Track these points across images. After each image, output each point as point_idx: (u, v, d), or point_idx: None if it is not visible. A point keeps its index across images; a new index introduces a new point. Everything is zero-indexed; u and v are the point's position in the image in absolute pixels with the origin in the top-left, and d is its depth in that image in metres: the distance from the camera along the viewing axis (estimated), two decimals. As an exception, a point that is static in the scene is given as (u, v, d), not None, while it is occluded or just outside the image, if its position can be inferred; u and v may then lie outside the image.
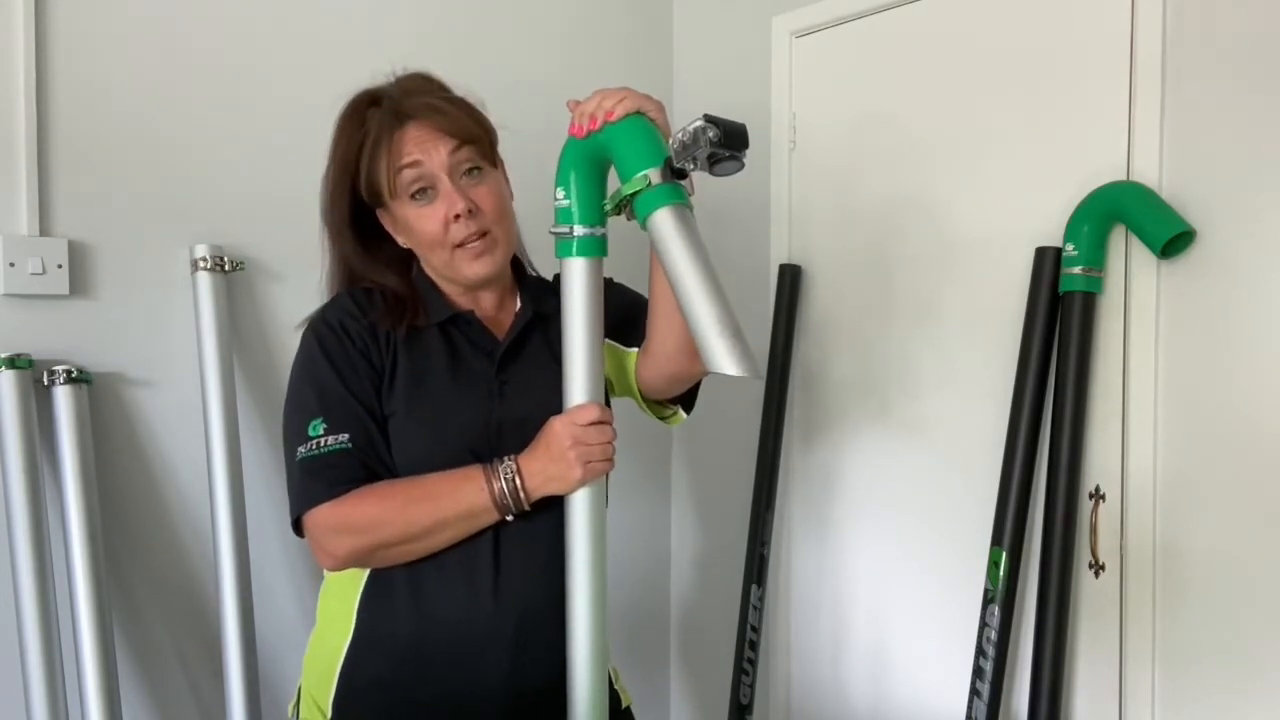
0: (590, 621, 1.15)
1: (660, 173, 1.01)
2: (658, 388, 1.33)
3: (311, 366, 1.20)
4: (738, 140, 1.00)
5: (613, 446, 1.15)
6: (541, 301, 1.32)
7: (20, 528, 1.51)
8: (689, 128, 0.99)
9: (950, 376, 1.88)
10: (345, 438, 1.16)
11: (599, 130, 1.08)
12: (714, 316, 0.95)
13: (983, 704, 1.69)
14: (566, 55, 2.23)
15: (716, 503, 2.40)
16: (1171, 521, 1.58)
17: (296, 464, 1.17)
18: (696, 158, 0.99)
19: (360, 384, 1.19)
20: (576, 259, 1.13)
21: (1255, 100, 1.48)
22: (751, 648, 2.14)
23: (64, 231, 1.61)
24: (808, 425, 2.16)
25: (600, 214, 1.13)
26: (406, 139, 1.20)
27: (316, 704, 1.24)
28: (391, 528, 1.14)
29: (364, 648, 1.21)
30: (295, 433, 1.18)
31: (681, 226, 1.00)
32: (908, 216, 1.95)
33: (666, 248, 0.99)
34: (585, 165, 1.13)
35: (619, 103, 1.08)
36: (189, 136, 1.72)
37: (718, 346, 0.94)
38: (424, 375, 1.22)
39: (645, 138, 1.06)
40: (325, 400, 1.17)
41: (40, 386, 1.56)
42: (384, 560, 1.18)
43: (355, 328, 1.21)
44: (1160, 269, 1.59)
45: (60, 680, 1.53)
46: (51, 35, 1.59)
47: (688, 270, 0.97)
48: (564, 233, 1.13)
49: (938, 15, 1.89)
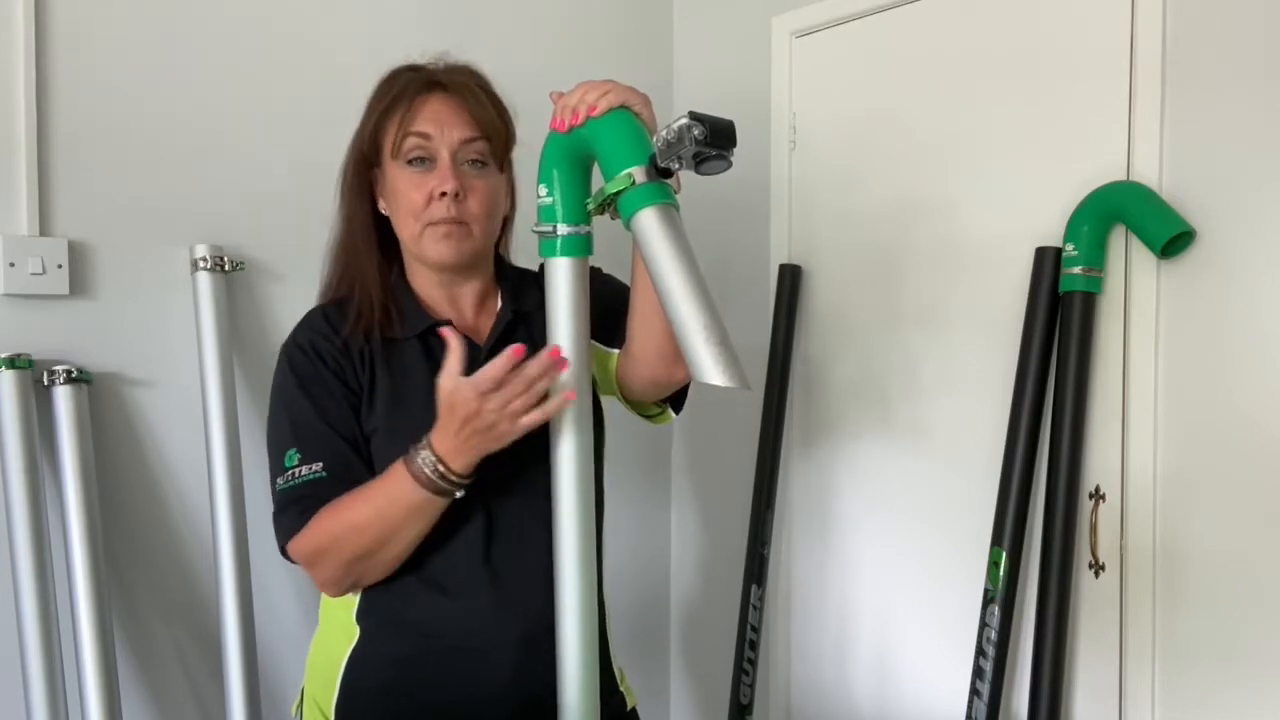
0: (580, 623, 1.12)
1: (645, 171, 0.97)
2: (639, 391, 1.28)
3: (285, 393, 1.19)
4: (724, 138, 0.95)
5: (535, 394, 1.05)
6: (522, 298, 1.29)
7: (20, 528, 1.51)
8: (674, 125, 0.95)
9: (950, 376, 1.88)
10: (319, 466, 1.14)
11: (581, 125, 1.03)
12: (700, 323, 0.91)
13: (983, 704, 1.69)
14: (566, 55, 2.22)
15: (716, 503, 2.40)
16: (1171, 521, 1.58)
17: (277, 495, 1.16)
18: (682, 156, 0.95)
19: (335, 408, 1.17)
20: (560, 259, 1.09)
21: (1255, 100, 1.48)
22: (751, 648, 2.14)
23: (64, 231, 1.61)
24: (808, 425, 2.16)
25: (584, 212, 1.09)
26: (426, 107, 1.18)
27: (319, 707, 1.24)
28: (348, 540, 1.11)
29: (367, 654, 1.20)
30: (274, 464, 1.17)
31: (667, 228, 0.96)
32: (908, 216, 1.95)
33: (651, 250, 0.95)
34: (568, 161, 1.08)
35: (602, 96, 1.03)
36: (189, 137, 1.72)
37: (704, 355, 0.91)
38: (404, 391, 1.19)
39: (629, 134, 1.01)
40: (298, 429, 1.16)
41: (40, 386, 1.56)
42: (367, 576, 1.15)
43: (328, 349, 1.19)
44: (1160, 269, 1.59)
45: (60, 680, 1.53)
46: (51, 35, 1.59)
47: (673, 274, 0.94)
48: (547, 231, 1.09)
49: (938, 15, 1.89)
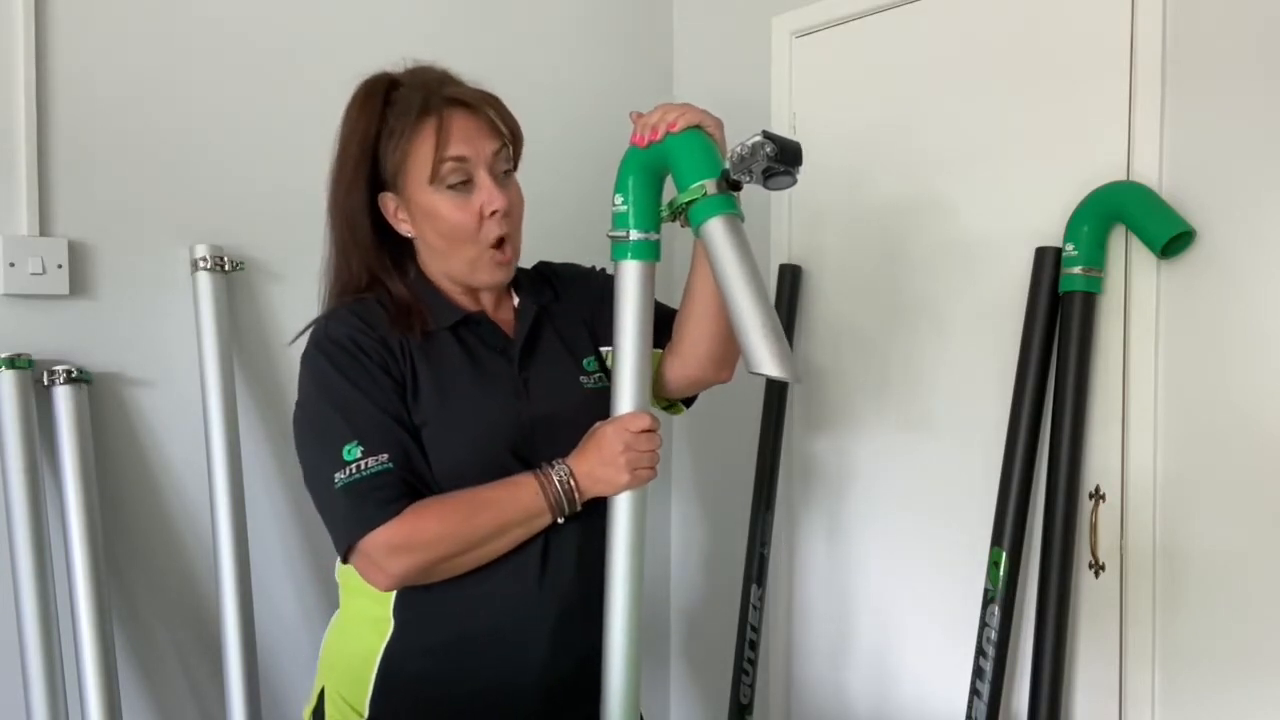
0: (627, 621, 1.19)
1: (716, 184, 1.07)
2: (677, 388, 1.36)
3: (330, 388, 1.17)
4: (793, 157, 1.05)
5: (658, 455, 1.19)
6: (539, 294, 1.35)
7: (20, 528, 1.51)
8: (747, 142, 1.04)
9: (950, 376, 1.88)
10: (385, 457, 1.14)
11: (660, 140, 1.13)
12: (760, 320, 1.00)
13: (983, 704, 1.69)
14: (566, 55, 2.22)
15: (716, 503, 2.40)
16: (1171, 521, 1.58)
17: (337, 491, 1.13)
18: (752, 171, 1.04)
19: (388, 399, 1.17)
20: (631, 262, 1.19)
21: (1255, 100, 1.48)
22: (751, 648, 2.14)
23: (64, 231, 1.61)
24: (807, 425, 2.16)
25: (655, 220, 1.19)
26: (455, 127, 1.19)
27: (349, 704, 1.23)
28: (454, 540, 1.14)
29: (404, 644, 1.21)
30: (329, 460, 1.14)
31: (734, 235, 1.05)
32: (908, 216, 1.95)
33: (718, 254, 1.04)
34: (644, 173, 1.18)
35: (681, 115, 1.13)
36: (189, 136, 1.72)
37: (762, 348, 0.99)
38: (447, 381, 1.21)
39: (704, 150, 1.11)
40: (355, 422, 1.15)
41: (40, 386, 1.56)
42: (439, 574, 1.16)
43: (367, 342, 1.19)
44: (1160, 269, 1.59)
45: (60, 680, 1.53)
46: (51, 35, 1.59)
47: (737, 276, 1.02)
48: (620, 236, 1.19)
49: (938, 15, 1.89)
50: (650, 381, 1.22)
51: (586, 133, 2.17)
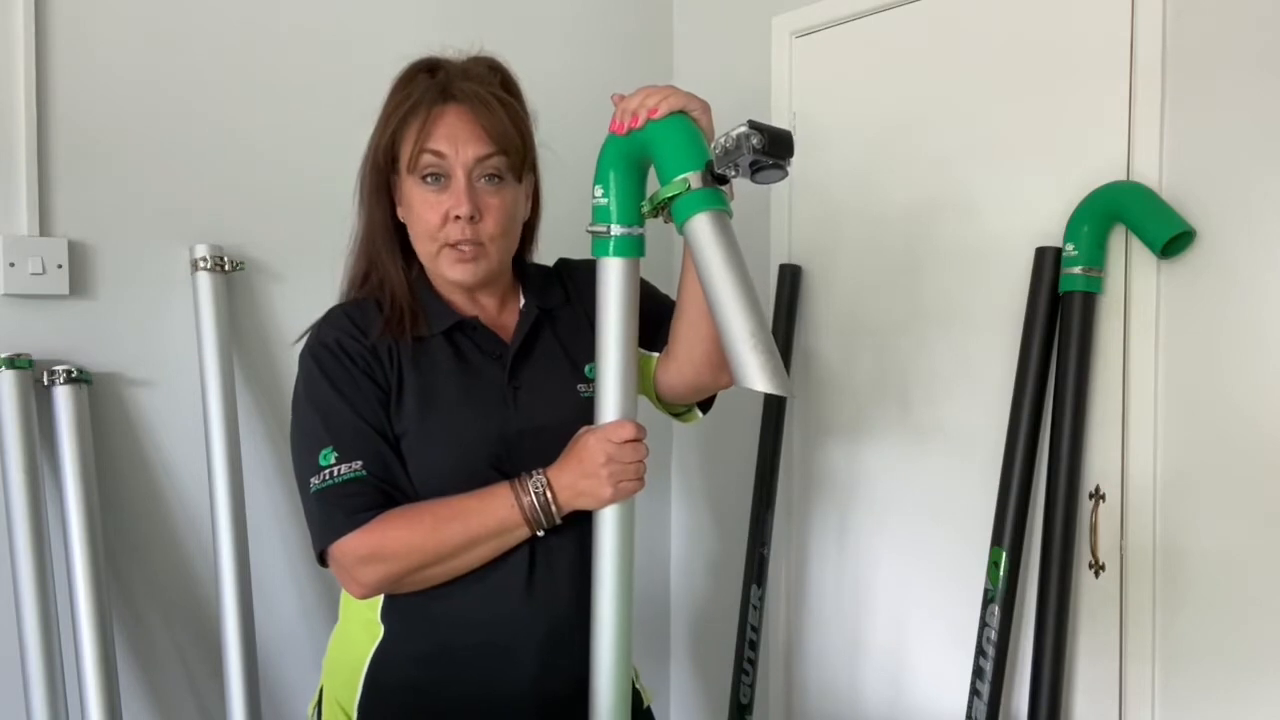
0: (615, 629, 1.13)
1: (701, 177, 0.97)
2: (677, 394, 1.28)
3: (314, 393, 1.16)
4: (782, 148, 0.96)
5: (644, 465, 1.12)
6: (546, 295, 1.30)
7: (20, 528, 1.51)
8: (733, 133, 0.96)
9: (949, 376, 1.88)
10: (359, 465, 1.12)
11: (641, 128, 1.04)
12: (748, 329, 0.92)
13: (983, 704, 1.69)
14: (566, 55, 2.22)
15: (717, 503, 2.40)
16: (1171, 521, 1.58)
17: (311, 496, 1.13)
18: (739, 164, 0.95)
19: (368, 406, 1.15)
20: (613, 259, 1.11)
21: (1255, 100, 1.48)
22: (751, 648, 2.14)
23: (64, 231, 1.61)
24: (807, 425, 2.16)
25: (639, 214, 1.10)
26: (441, 122, 1.16)
27: (341, 706, 1.23)
28: (422, 552, 1.11)
29: (391, 651, 1.19)
30: (306, 464, 1.14)
31: (720, 233, 0.96)
32: (908, 216, 1.95)
33: (703, 255, 0.96)
34: (625, 163, 1.09)
35: (663, 100, 1.04)
36: (189, 136, 1.72)
37: (750, 361, 0.91)
38: (434, 390, 1.18)
39: (687, 139, 1.02)
40: (333, 428, 1.14)
41: (40, 386, 1.56)
42: (413, 585, 1.14)
43: (355, 347, 1.17)
44: (1160, 269, 1.59)
45: (60, 680, 1.53)
46: (51, 35, 1.59)
47: (723, 279, 0.94)
48: (601, 231, 1.10)
49: (938, 15, 1.89)
50: (635, 387, 1.14)
51: (586, 133, 2.17)
